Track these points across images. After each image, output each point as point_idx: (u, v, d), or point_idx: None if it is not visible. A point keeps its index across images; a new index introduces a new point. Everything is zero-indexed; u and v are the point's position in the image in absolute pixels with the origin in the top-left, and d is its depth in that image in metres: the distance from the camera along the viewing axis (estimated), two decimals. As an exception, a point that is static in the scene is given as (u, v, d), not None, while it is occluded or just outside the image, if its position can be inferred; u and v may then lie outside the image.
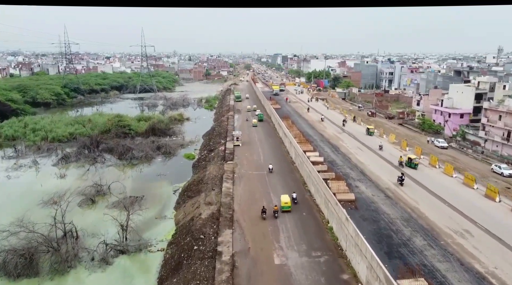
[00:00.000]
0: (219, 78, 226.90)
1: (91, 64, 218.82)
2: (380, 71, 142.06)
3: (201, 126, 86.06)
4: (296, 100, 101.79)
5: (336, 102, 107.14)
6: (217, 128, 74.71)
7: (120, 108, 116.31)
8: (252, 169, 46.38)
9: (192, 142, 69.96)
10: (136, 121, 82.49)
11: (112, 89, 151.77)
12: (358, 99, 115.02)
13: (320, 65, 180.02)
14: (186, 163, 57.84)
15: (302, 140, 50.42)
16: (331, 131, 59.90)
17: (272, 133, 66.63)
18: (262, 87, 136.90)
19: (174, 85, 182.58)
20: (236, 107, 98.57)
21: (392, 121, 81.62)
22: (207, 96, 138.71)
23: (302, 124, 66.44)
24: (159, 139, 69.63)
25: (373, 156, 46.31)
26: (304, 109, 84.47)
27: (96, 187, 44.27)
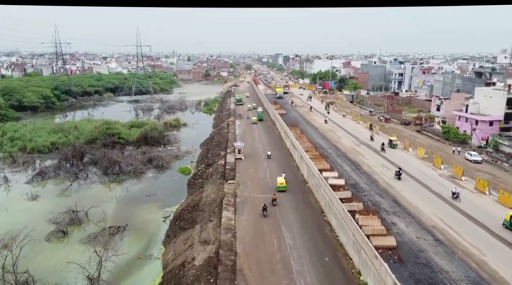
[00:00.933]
0: (219, 79, 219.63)
1: (86, 64, 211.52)
2: (389, 72, 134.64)
3: (199, 133, 78.73)
4: (302, 104, 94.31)
5: (345, 106, 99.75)
6: (216, 136, 67.36)
7: (113, 111, 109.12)
8: (257, 190, 39.04)
9: (189, 153, 62.60)
10: (127, 128, 75.24)
11: (106, 91, 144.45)
12: (367, 102, 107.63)
13: (324, 65, 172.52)
14: (180, 179, 50.46)
15: (315, 155, 43.07)
16: (347, 143, 52.38)
17: (277, 141, 59.31)
18: (264, 89, 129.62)
19: (172, 86, 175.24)
20: (237, 111, 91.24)
21: (409, 128, 74.22)
22: (206, 98, 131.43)
23: (312, 133, 59.00)
24: (152, 149, 62.30)
25: (404, 177, 38.38)
26: (313, 115, 76.90)
27: (70, 214, 36.93)
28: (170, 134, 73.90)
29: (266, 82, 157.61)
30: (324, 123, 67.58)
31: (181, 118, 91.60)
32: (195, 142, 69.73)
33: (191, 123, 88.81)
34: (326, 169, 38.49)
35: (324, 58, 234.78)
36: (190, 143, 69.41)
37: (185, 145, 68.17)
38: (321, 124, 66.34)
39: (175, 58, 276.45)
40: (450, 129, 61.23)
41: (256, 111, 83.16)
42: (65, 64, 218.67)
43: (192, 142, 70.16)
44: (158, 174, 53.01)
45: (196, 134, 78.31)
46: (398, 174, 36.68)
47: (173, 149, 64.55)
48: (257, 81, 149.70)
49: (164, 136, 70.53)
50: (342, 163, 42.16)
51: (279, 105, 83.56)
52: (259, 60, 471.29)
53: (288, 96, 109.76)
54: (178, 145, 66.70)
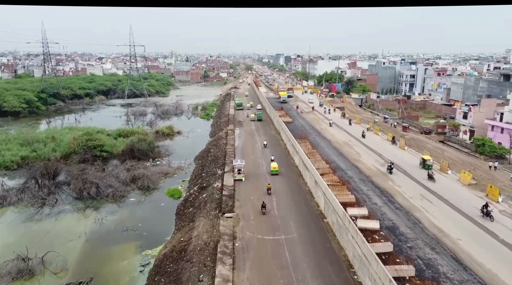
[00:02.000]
0: (219, 80, 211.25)
1: (80, 65, 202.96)
2: (399, 74, 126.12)
3: (195, 142, 70.27)
4: (309, 110, 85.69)
5: (354, 111, 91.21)
6: (213, 148, 58.83)
7: (102, 117, 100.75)
8: (262, 228, 30.56)
9: (181, 169, 54.09)
10: (113, 138, 66.87)
11: (98, 94, 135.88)
12: (378, 106, 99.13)
13: (328, 66, 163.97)
14: (168, 205, 41.94)
15: (334, 181, 34.54)
16: (369, 162, 43.30)
17: (283, 155, 50.80)
18: (266, 92, 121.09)
19: (168, 88, 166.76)
20: (236, 117, 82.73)
21: (431, 137, 65.71)
22: (204, 102, 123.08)
23: (325, 147, 50.23)
24: (138, 164, 53.84)
25: (456, 215, 28.58)
26: (323, 124, 68.10)
27: (19, 262, 28.45)
28: (161, 145, 65.40)
29: (268, 84, 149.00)
30: (335, 130, 58.55)
31: (175, 125, 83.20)
32: (189, 155, 61.33)
33: (186, 131, 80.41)
34: (351, 203, 29.95)
35: (326, 59, 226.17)
36: (183, 155, 61.03)
37: (178, 158, 59.78)
38: (334, 135, 57.65)
39: (173, 59, 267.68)
40: (486, 141, 52.67)
41: (255, 108, 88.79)
42: (57, 65, 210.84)
43: (185, 154, 61.77)
44: (143, 197, 44.50)
45: (191, 144, 69.88)
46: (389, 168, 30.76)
47: (163, 164, 56.07)
48: (258, 83, 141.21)
49: (154, 148, 62.02)
50: (368, 192, 33.52)
51: (283, 112, 75.02)
52: (259, 60, 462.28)
53: (292, 100, 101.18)
54: (169, 159, 58.18)
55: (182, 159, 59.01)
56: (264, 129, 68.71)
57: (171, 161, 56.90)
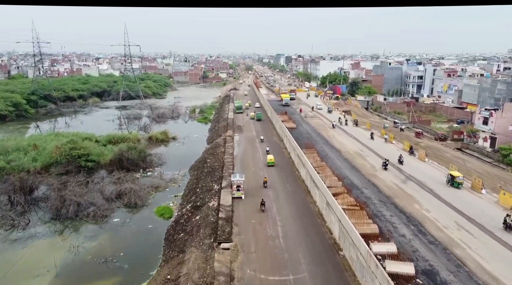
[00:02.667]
0: (218, 81, 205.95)
1: (76, 66, 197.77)
2: (406, 75, 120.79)
3: (191, 150, 65.00)
4: (313, 114, 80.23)
5: (361, 115, 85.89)
6: (210, 158, 53.50)
7: (94, 120, 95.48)
8: (266, 264, 25.25)
9: (174, 182, 48.76)
10: (102, 145, 61.68)
11: (92, 96, 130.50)
12: (386, 110, 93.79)
13: (331, 67, 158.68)
14: (156, 226, 36.60)
15: (349, 204, 29.21)
16: (387, 177, 37.64)
17: (288, 166, 45.55)
18: (267, 94, 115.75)
19: (165, 90, 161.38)
20: (236, 122, 77.45)
21: (447, 144, 60.35)
22: (202, 104, 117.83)
23: (334, 159, 44.70)
24: (127, 176, 48.53)
25: (509, 255, 22.93)
26: (330, 130, 62.54)
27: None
28: (154, 154, 60.06)
29: (269, 85, 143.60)
30: (347, 140, 52.64)
31: (171, 130, 77.84)
32: (183, 164, 56.05)
33: (182, 136, 75.09)
34: (374, 235, 24.61)
35: (328, 59, 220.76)
36: (177, 165, 55.75)
37: (171, 168, 54.51)
38: (343, 144, 52.16)
39: (172, 59, 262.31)
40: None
41: (254, 106, 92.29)
42: (52, 65, 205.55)
43: (180, 163, 56.48)
44: (129, 216, 39.18)
45: (187, 151, 64.58)
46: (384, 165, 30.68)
47: (154, 176, 50.74)
48: (258, 84, 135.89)
49: (145, 156, 56.68)
50: (392, 218, 28.04)
51: (286, 116, 69.62)
52: (259, 60, 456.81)
53: (295, 102, 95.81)
54: (161, 170, 52.82)
55: (176, 169, 53.73)
56: (266, 136, 63.42)
57: (163, 172, 51.56)
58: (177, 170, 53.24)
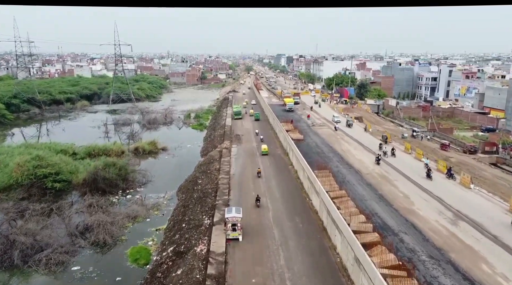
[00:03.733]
0: (217, 82, 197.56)
1: (68, 66, 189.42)
2: (418, 76, 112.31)
3: (181, 164, 56.58)
4: (322, 121, 71.48)
5: (373, 121, 77.38)
6: (202, 178, 44.96)
7: (79, 127, 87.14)
8: None
9: (157, 208, 40.26)
10: (79, 159, 53.40)
11: (81, 99, 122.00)
12: (399, 115, 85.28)
13: (335, 67, 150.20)
14: (127, 278, 28.07)
15: (389, 264, 20.64)
16: (430, 215, 27.62)
17: (295, 191, 37.12)
18: (268, 97, 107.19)
19: (161, 92, 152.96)
20: (234, 130, 69.01)
21: (479, 158, 51.83)
22: (199, 108, 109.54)
23: (355, 184, 35.93)
24: (101, 200, 40.07)
25: None
26: (343, 142, 53.58)
27: None
28: (138, 170, 51.56)
29: (270, 88, 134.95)
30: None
31: (162, 138, 69.42)
32: (171, 183, 47.66)
33: (173, 146, 66.70)
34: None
35: (330, 59, 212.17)
36: (164, 184, 47.39)
37: (156, 188, 46.16)
38: (363, 162, 43.35)
39: (169, 59, 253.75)
40: None
41: (250, 104, 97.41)
42: (44, 66, 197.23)
43: (167, 182, 48.11)
44: (94, 260, 30.66)
45: (177, 166, 56.18)
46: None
47: (134, 200, 42.22)
48: (259, 86, 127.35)
49: (127, 174, 48.17)
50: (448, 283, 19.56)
51: (291, 125, 60.99)
52: (259, 61, 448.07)
53: (299, 107, 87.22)
54: (143, 193, 44.27)
55: (161, 190, 45.31)
56: (268, 148, 54.92)
57: (145, 196, 43.02)
58: (163, 191, 44.81)
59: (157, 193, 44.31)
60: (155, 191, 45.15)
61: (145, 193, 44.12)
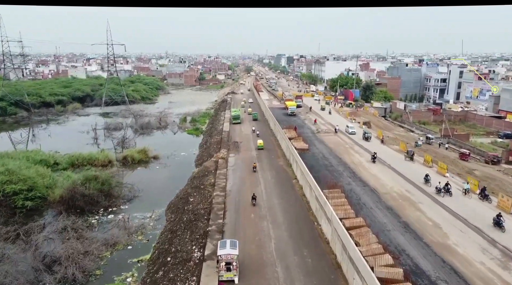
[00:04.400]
0: (215, 83, 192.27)
1: (62, 67, 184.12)
2: (425, 77, 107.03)
3: (173, 176, 51.32)
4: (327, 127, 66.06)
5: (382, 126, 72.09)
6: (195, 194, 39.65)
7: (67, 131, 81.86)
8: None
9: (142, 232, 34.91)
10: (61, 170, 48.17)
11: (73, 101, 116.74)
12: (408, 119, 79.97)
13: (337, 68, 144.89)
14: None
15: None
16: (469, 251, 22.38)
17: (302, 215, 31.87)
18: (269, 100, 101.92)
19: (157, 93, 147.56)
20: (232, 136, 63.78)
21: (504, 170, 46.53)
22: (196, 110, 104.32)
23: (372, 206, 30.44)
24: (77, 223, 34.81)
25: None
26: (354, 153, 47.90)
27: None
28: (125, 184, 46.28)
29: (270, 89, 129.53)
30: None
31: (153, 146, 64.15)
32: (161, 199, 42.40)
33: (166, 154, 61.50)
34: None
35: (331, 59, 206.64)
36: (152, 200, 42.15)
37: (143, 205, 40.92)
38: (378, 178, 37.73)
39: (166, 60, 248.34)
40: None
41: (248, 102, 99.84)
42: (37, 66, 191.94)
43: (156, 198, 42.88)
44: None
45: (168, 177, 50.92)
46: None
47: (116, 221, 36.87)
48: (259, 87, 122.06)
49: (111, 188, 42.89)
50: None
51: (294, 131, 55.62)
52: (259, 61, 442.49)
53: (302, 111, 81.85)
54: (126, 213, 38.93)
55: (149, 207, 40.06)
56: (269, 157, 49.72)
57: (129, 217, 37.68)
58: (151, 209, 39.51)
59: (143, 212, 39.02)
60: (142, 209, 39.88)
61: (129, 213, 38.82)
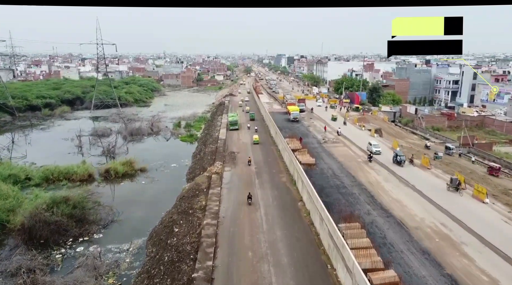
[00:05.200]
0: (214, 84, 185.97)
1: (55, 68, 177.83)
2: (435, 79, 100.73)
3: (161, 193, 45.00)
4: (334, 136, 59.59)
5: (394, 133, 65.76)
6: (181, 224, 33.24)
7: (50, 138, 75.59)
8: None
9: (115, 271, 28.56)
10: (32, 186, 41.90)
11: (62, 104, 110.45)
12: (420, 124, 73.63)
13: (340, 68, 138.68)
14: None
15: None
16: None
17: (309, 244, 25.58)
18: (269, 103, 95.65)
19: (152, 95, 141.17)
20: (229, 145, 57.46)
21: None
22: (192, 114, 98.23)
23: (402, 249, 23.76)
24: (35, 261, 28.48)
25: None
26: (369, 171, 40.70)
27: None
28: (104, 205, 39.96)
29: (271, 91, 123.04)
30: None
31: (143, 156, 58.01)
32: (143, 223, 36.17)
33: (156, 165, 55.28)
34: None
35: (332, 59, 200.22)
36: (133, 226, 35.93)
37: (121, 233, 34.63)
38: (403, 205, 31.21)
39: (163, 60, 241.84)
40: None
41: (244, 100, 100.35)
42: (29, 67, 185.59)
43: (138, 223, 36.64)
44: None
45: (155, 196, 44.56)
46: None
47: (86, 256, 30.44)
48: (258, 89, 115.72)
49: (84, 212, 36.55)
50: None
51: (298, 142, 49.01)
52: (259, 61, 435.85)
53: (305, 115, 75.43)
54: (99, 244, 32.54)
55: (128, 235, 33.80)
56: (270, 172, 43.41)
57: (102, 249, 31.29)
58: (129, 239, 33.20)
59: (120, 243, 32.71)
60: (119, 238, 33.57)
61: (103, 244, 32.48)
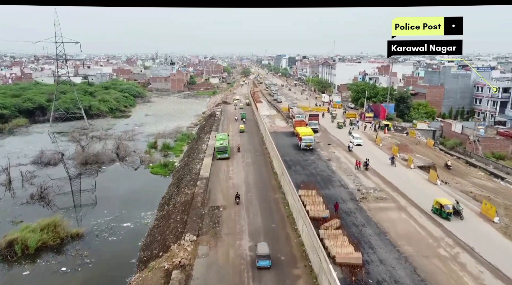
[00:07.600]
0: (207, 88, 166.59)
1: (28, 70, 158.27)
2: (475, 85, 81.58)
3: None
4: (376, 185, 40.14)
5: (455, 170, 46.40)
6: None
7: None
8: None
9: None
10: None
11: (20, 114, 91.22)
12: (478, 150, 54.27)
13: (352, 71, 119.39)
14: None
15: None
16: None
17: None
18: (271, 117, 76.26)
19: (134, 103, 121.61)
20: (214, 187, 38.17)
21: None
22: (175, 128, 79.36)
23: None
24: None
25: None
26: (468, 276, 20.79)
27: None
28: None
29: (272, 99, 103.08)
30: None
31: (83, 206, 38.61)
32: None
33: (98, 225, 36.00)
34: None
35: (337, 60, 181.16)
36: None
37: None
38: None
39: (153, 61, 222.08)
40: None
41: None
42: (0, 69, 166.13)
43: None
44: None
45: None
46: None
47: None
48: (257, 97, 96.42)
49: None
50: None
51: (319, 198, 29.72)
52: (258, 62, 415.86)
53: (321, 138, 56.06)
54: None
55: None
56: (279, 267, 24.14)
57: None
58: None
59: None
60: None
61: None
